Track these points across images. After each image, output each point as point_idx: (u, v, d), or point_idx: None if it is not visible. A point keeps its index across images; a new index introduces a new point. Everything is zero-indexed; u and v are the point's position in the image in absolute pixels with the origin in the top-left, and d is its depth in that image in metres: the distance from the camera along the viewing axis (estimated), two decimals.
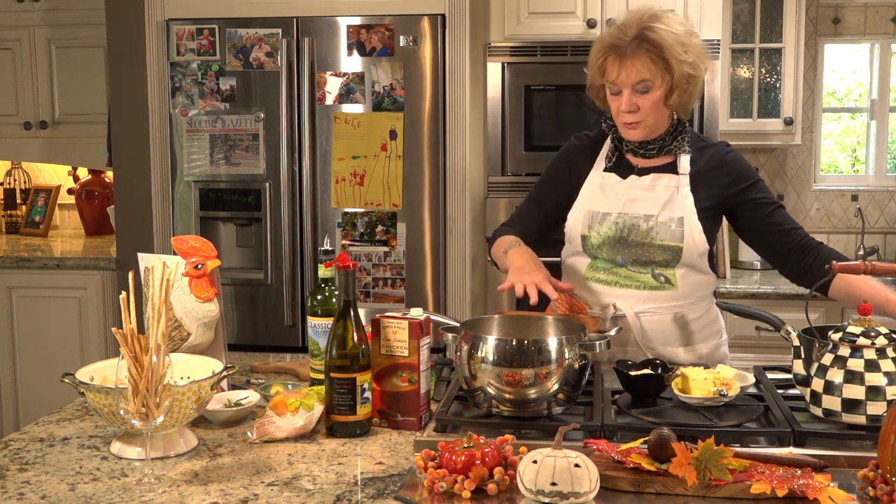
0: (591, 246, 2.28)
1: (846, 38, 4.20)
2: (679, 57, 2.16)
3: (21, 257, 4.04)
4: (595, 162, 2.34)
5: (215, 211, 3.63)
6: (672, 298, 2.26)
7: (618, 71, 2.18)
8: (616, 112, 2.24)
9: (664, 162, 2.29)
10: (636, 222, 2.23)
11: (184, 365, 1.87)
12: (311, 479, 1.60)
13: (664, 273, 2.25)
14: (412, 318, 1.84)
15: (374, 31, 3.48)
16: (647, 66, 2.16)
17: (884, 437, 1.46)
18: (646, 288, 2.25)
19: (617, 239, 2.25)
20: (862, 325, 1.73)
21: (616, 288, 2.26)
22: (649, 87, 2.18)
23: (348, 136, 3.51)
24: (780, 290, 3.57)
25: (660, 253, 2.23)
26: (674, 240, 2.22)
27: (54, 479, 1.60)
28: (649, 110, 2.20)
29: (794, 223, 2.27)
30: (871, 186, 4.27)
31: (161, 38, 3.59)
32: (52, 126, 4.43)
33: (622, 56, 2.17)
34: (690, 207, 2.23)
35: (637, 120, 2.21)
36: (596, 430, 1.71)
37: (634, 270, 2.25)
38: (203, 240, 2.04)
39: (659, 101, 2.19)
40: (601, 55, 2.21)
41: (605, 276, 2.28)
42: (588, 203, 2.30)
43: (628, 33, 2.18)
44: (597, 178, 2.32)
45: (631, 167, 2.30)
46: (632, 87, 2.18)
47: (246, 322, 3.66)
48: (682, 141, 2.27)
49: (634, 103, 2.19)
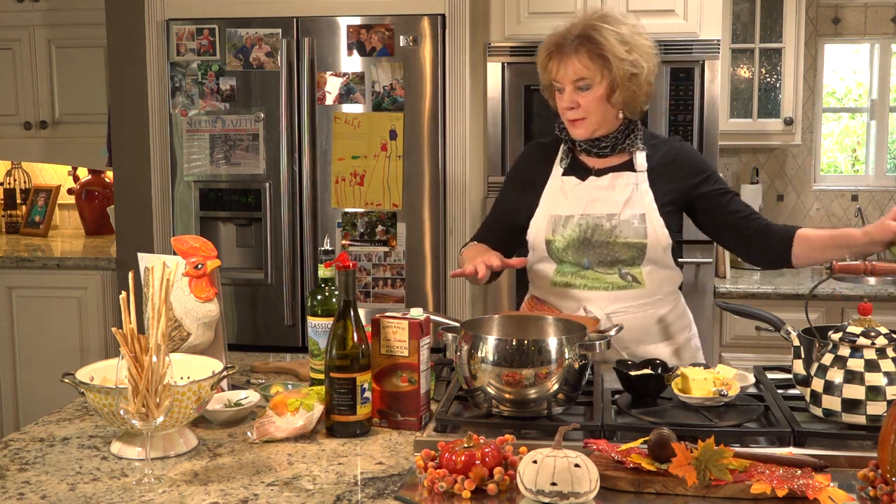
0: (556, 250, 2.30)
1: (846, 38, 4.20)
2: (620, 55, 2.21)
3: (21, 257, 4.04)
4: (552, 167, 2.36)
5: (215, 211, 3.63)
6: (640, 297, 2.28)
7: (557, 68, 2.24)
8: (561, 110, 2.29)
9: (620, 161, 2.32)
10: (599, 222, 2.26)
11: (184, 365, 1.87)
12: (311, 479, 1.60)
13: (631, 272, 2.27)
14: (412, 318, 1.84)
15: (374, 31, 3.48)
16: (585, 63, 2.22)
17: (884, 437, 1.46)
18: (614, 288, 2.27)
19: (581, 241, 2.27)
20: (862, 325, 1.73)
21: (585, 291, 2.28)
22: (589, 85, 2.23)
23: (348, 136, 3.51)
24: (780, 290, 3.57)
25: (625, 251, 2.25)
26: (637, 237, 2.25)
27: (54, 479, 1.60)
28: (590, 107, 2.24)
29: (751, 209, 2.31)
30: (871, 186, 4.26)
31: (161, 38, 3.59)
32: (52, 126, 4.43)
33: (563, 54, 2.23)
34: (651, 203, 2.26)
35: (579, 117, 2.25)
36: (596, 430, 1.71)
37: (601, 272, 2.27)
38: (203, 240, 2.04)
39: (601, 99, 2.23)
40: (546, 53, 2.28)
41: (572, 279, 2.29)
42: (550, 208, 2.32)
43: (573, 32, 2.24)
44: (556, 182, 2.34)
45: (588, 169, 2.33)
46: (572, 85, 2.23)
47: (246, 322, 3.66)
48: (636, 139, 2.31)
49: (575, 100, 2.24)
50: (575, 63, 2.22)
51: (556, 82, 2.26)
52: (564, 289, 2.30)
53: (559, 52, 2.24)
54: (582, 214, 2.27)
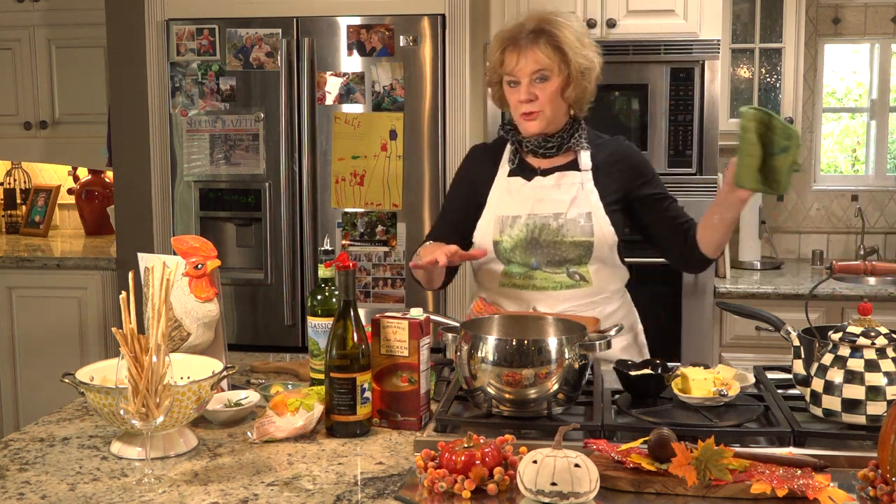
0: (503, 250, 2.30)
1: (846, 38, 4.20)
2: (576, 48, 2.23)
3: (21, 257, 4.04)
4: (498, 168, 2.37)
5: (215, 211, 3.63)
6: (588, 295, 2.29)
7: (516, 60, 2.23)
8: (515, 104, 2.28)
9: (565, 160, 2.33)
10: (546, 222, 2.27)
11: (184, 365, 1.87)
12: (311, 479, 1.60)
13: (578, 271, 2.28)
14: (412, 318, 1.84)
15: (374, 31, 3.48)
16: (544, 55, 2.22)
17: (884, 437, 1.46)
18: (562, 287, 2.28)
19: (529, 240, 2.27)
20: (862, 325, 1.73)
21: (533, 291, 2.29)
22: (547, 77, 2.23)
23: (348, 136, 3.51)
24: (780, 290, 3.57)
25: (572, 250, 2.26)
26: (584, 235, 2.26)
27: (54, 479, 1.60)
28: (547, 100, 2.24)
29: (686, 214, 2.33)
30: (871, 186, 4.26)
31: (161, 38, 3.59)
32: (52, 126, 4.42)
33: (520, 47, 2.24)
34: (597, 202, 2.28)
35: (535, 110, 2.25)
36: (596, 430, 1.71)
37: (550, 271, 2.28)
38: (203, 240, 2.04)
39: (556, 93, 2.25)
40: (499, 48, 2.27)
41: (521, 280, 2.30)
42: (497, 208, 2.32)
43: (527, 27, 2.25)
44: (502, 183, 2.35)
45: (534, 169, 2.34)
46: (529, 77, 2.23)
47: (246, 322, 3.66)
48: (580, 137, 2.32)
49: (532, 92, 2.24)
50: (535, 54, 2.22)
51: (511, 76, 2.26)
52: (512, 289, 2.31)
53: (515, 44, 2.24)
54: (529, 214, 2.28)
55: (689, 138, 3.54)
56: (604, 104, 3.61)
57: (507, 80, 2.27)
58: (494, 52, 2.28)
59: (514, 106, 2.29)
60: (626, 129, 3.59)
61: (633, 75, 3.55)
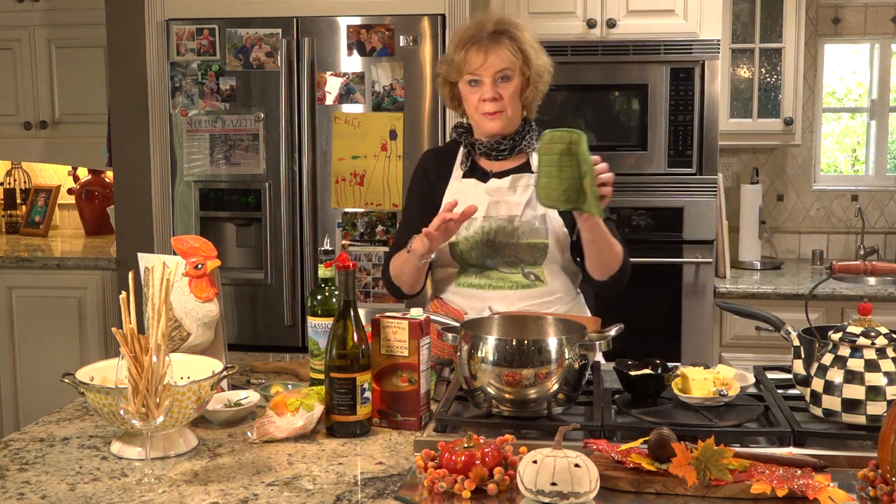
0: (459, 252, 2.32)
1: (846, 38, 4.20)
2: (535, 50, 2.27)
3: (21, 257, 4.04)
4: (451, 171, 2.38)
5: (215, 211, 3.63)
6: (543, 295, 2.31)
7: (483, 58, 2.24)
8: (476, 104, 2.28)
9: (518, 163, 2.35)
10: (502, 224, 2.28)
11: (184, 365, 1.87)
12: (311, 479, 1.60)
13: (534, 271, 2.30)
14: (412, 318, 1.84)
15: (374, 31, 3.48)
16: (509, 55, 2.24)
17: (884, 437, 1.46)
18: (518, 287, 2.29)
19: (485, 242, 2.29)
20: (862, 325, 1.73)
21: (489, 290, 2.30)
22: (510, 77, 2.26)
23: (348, 136, 3.51)
24: (780, 290, 3.57)
25: (527, 251, 2.28)
26: (538, 237, 2.28)
27: (54, 479, 1.60)
28: (509, 100, 2.26)
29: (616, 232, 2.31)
30: (871, 186, 4.26)
31: (161, 38, 3.59)
32: (52, 126, 4.42)
33: (484, 46, 2.25)
34: None
35: (499, 109, 2.27)
36: (596, 430, 1.71)
37: (505, 272, 2.30)
38: (203, 240, 2.04)
39: (517, 92, 2.28)
40: (462, 48, 2.27)
41: (477, 279, 2.31)
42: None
43: (487, 28, 2.27)
44: (457, 185, 2.36)
45: (487, 172, 2.35)
46: (493, 76, 2.25)
47: (246, 322, 3.66)
48: (531, 139, 2.33)
49: (497, 91, 2.25)
50: (500, 53, 2.24)
51: (475, 74, 2.26)
52: (469, 289, 2.32)
53: (479, 43, 2.25)
54: (485, 217, 2.29)
55: (689, 138, 3.54)
56: (604, 104, 3.61)
57: (468, 80, 2.28)
58: (457, 51, 2.28)
59: (474, 105, 2.29)
60: (626, 129, 3.59)
61: (633, 75, 3.55)
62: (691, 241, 3.55)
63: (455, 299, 2.34)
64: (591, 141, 3.63)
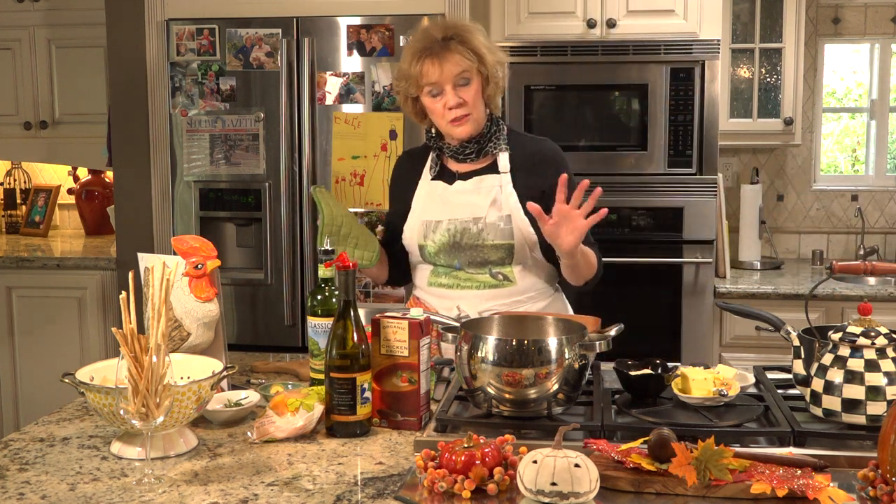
0: (428, 254, 2.36)
1: (846, 38, 4.20)
2: (487, 48, 2.28)
3: (21, 257, 4.04)
4: (422, 174, 2.41)
5: (215, 211, 3.63)
6: (512, 294, 2.33)
7: (440, 68, 2.25)
8: (441, 113, 2.29)
9: (484, 164, 2.36)
10: (467, 226, 2.31)
11: (184, 365, 1.87)
12: (311, 479, 1.60)
13: (501, 271, 2.32)
14: (412, 318, 1.84)
15: (374, 31, 3.48)
16: (462, 58, 2.25)
17: (884, 437, 1.46)
18: (485, 287, 2.32)
19: (451, 245, 2.32)
20: (862, 325, 1.73)
21: (457, 290, 2.33)
22: (468, 79, 2.27)
23: (348, 136, 3.51)
24: (780, 290, 3.57)
25: (493, 252, 2.30)
26: (504, 238, 2.29)
27: (54, 479, 1.60)
28: (473, 103, 2.27)
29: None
30: (871, 186, 4.26)
31: (161, 38, 3.59)
32: (52, 126, 4.42)
33: (438, 55, 2.25)
34: (516, 204, 2.31)
35: (465, 113, 2.28)
36: (596, 430, 1.71)
37: (472, 272, 2.33)
38: (203, 240, 2.04)
39: (478, 93, 2.28)
40: (416, 61, 2.27)
41: (446, 280, 2.35)
42: (421, 213, 2.37)
43: (437, 36, 2.27)
44: (425, 187, 2.40)
45: (453, 174, 2.38)
46: (453, 83, 2.25)
47: (246, 322, 3.66)
48: (499, 140, 2.35)
49: (459, 96, 2.26)
50: (454, 59, 2.24)
51: (434, 84, 2.26)
52: (439, 289, 2.36)
53: (431, 53, 2.25)
54: (450, 219, 2.32)
55: (689, 138, 3.54)
56: (604, 104, 3.61)
57: (428, 91, 2.28)
58: (412, 65, 2.27)
59: (440, 115, 2.29)
60: (626, 129, 3.59)
61: (633, 75, 3.55)
62: (691, 241, 3.55)
63: (427, 298, 2.39)
64: (592, 141, 3.65)
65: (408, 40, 2.35)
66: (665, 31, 3.56)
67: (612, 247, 3.56)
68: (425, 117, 2.37)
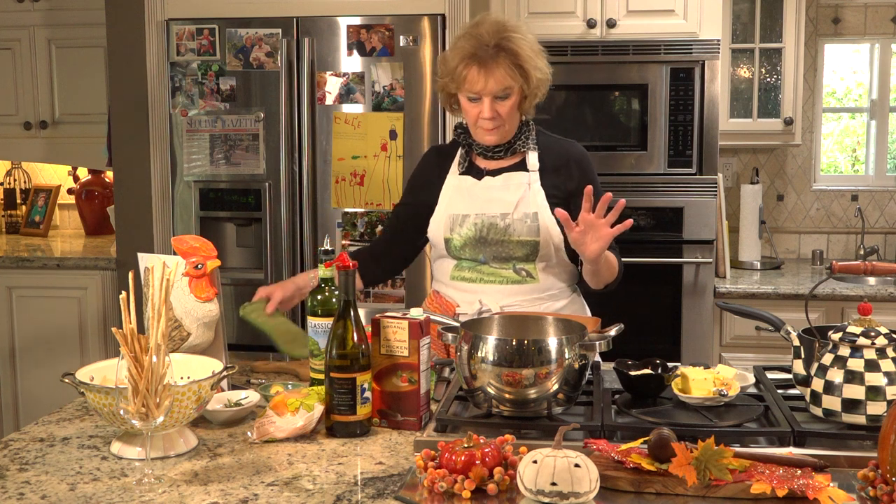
0: (453, 247, 2.37)
1: (846, 38, 4.20)
2: (534, 63, 2.27)
3: (21, 257, 4.04)
4: (450, 168, 2.42)
5: (215, 211, 3.63)
6: (534, 291, 2.34)
7: (484, 81, 2.24)
8: (475, 118, 2.30)
9: (513, 161, 2.38)
10: (494, 221, 2.32)
11: (184, 365, 1.87)
12: (311, 479, 1.60)
13: (525, 267, 2.34)
14: (412, 318, 1.84)
15: (374, 31, 3.48)
16: (508, 75, 2.24)
17: (884, 437, 1.46)
18: (508, 283, 2.34)
19: (477, 239, 2.33)
20: (862, 325, 1.73)
21: (481, 284, 2.35)
22: (509, 94, 2.27)
23: (348, 136, 3.51)
24: (780, 290, 3.57)
25: (518, 249, 2.32)
26: (530, 235, 2.31)
27: (54, 479, 1.60)
28: (507, 115, 2.29)
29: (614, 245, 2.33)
30: (871, 186, 4.26)
31: (161, 38, 3.59)
32: (52, 126, 4.42)
33: (485, 66, 2.24)
34: (543, 202, 2.32)
35: (496, 126, 2.29)
36: (596, 430, 1.71)
37: (497, 267, 2.34)
38: (203, 240, 2.04)
39: (515, 106, 2.29)
40: (463, 64, 2.26)
41: (469, 274, 2.36)
42: (448, 207, 2.38)
43: (489, 42, 2.24)
44: (453, 182, 2.41)
45: (482, 170, 2.39)
46: (493, 95, 2.25)
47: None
48: (527, 139, 2.37)
49: (495, 110, 2.27)
50: (499, 74, 2.23)
51: (475, 94, 2.26)
52: (462, 282, 2.37)
53: (480, 62, 2.24)
54: (477, 214, 2.34)
55: (689, 138, 3.54)
56: (604, 104, 3.61)
57: (468, 95, 2.28)
58: (457, 68, 2.26)
59: (473, 118, 2.31)
60: (626, 129, 3.59)
61: (633, 75, 3.55)
62: (691, 241, 3.55)
63: (449, 291, 2.39)
64: (592, 141, 3.65)
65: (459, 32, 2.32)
66: (665, 31, 3.56)
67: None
68: (459, 109, 2.37)
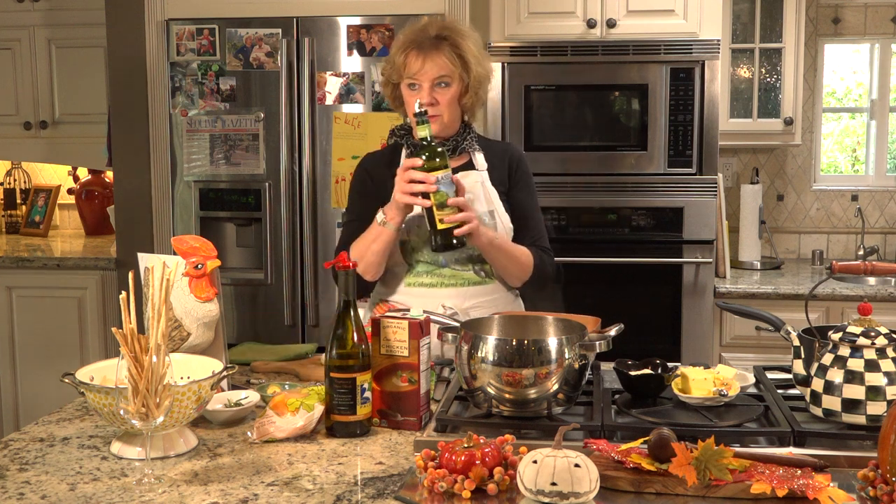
0: (410, 251, 2.33)
1: (846, 38, 4.20)
2: (476, 59, 2.30)
3: (21, 257, 4.04)
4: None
5: (215, 211, 3.63)
6: (494, 291, 2.36)
7: (421, 64, 2.27)
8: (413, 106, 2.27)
9: (461, 162, 2.38)
10: None
11: (184, 365, 1.87)
12: (311, 479, 1.60)
13: (484, 268, 2.35)
14: (412, 318, 1.84)
15: (374, 31, 3.48)
16: (448, 61, 2.27)
17: (884, 437, 1.46)
18: (469, 284, 2.33)
19: None
20: (862, 325, 1.73)
21: (441, 289, 2.32)
22: (448, 83, 2.29)
23: (348, 136, 3.51)
24: (780, 290, 3.57)
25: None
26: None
27: (54, 479, 1.60)
28: (446, 105, 2.29)
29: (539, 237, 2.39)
30: (871, 186, 4.27)
31: (161, 38, 3.59)
32: (52, 126, 4.43)
33: (425, 51, 2.27)
34: (496, 199, 2.35)
35: (435, 114, 2.29)
36: (596, 430, 1.71)
37: (458, 269, 2.33)
38: (203, 240, 2.04)
39: (455, 98, 2.30)
40: (402, 51, 2.30)
41: (428, 279, 2.33)
42: None
43: (430, 32, 2.29)
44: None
45: None
46: (431, 82, 2.27)
47: (246, 322, 3.66)
48: (472, 140, 2.38)
49: (434, 97, 2.28)
50: (439, 60, 2.26)
51: (413, 79, 2.28)
52: (420, 289, 2.33)
53: (420, 48, 2.27)
54: None
55: (689, 138, 3.54)
56: (604, 104, 3.61)
57: (408, 83, 2.30)
58: (398, 55, 2.30)
59: (412, 108, 2.27)
60: (626, 129, 3.59)
61: (633, 75, 3.55)
62: (691, 241, 3.55)
63: (404, 300, 2.33)
64: (592, 141, 3.65)
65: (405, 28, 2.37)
66: (665, 31, 3.56)
67: (612, 247, 3.56)
68: (401, 105, 2.38)
